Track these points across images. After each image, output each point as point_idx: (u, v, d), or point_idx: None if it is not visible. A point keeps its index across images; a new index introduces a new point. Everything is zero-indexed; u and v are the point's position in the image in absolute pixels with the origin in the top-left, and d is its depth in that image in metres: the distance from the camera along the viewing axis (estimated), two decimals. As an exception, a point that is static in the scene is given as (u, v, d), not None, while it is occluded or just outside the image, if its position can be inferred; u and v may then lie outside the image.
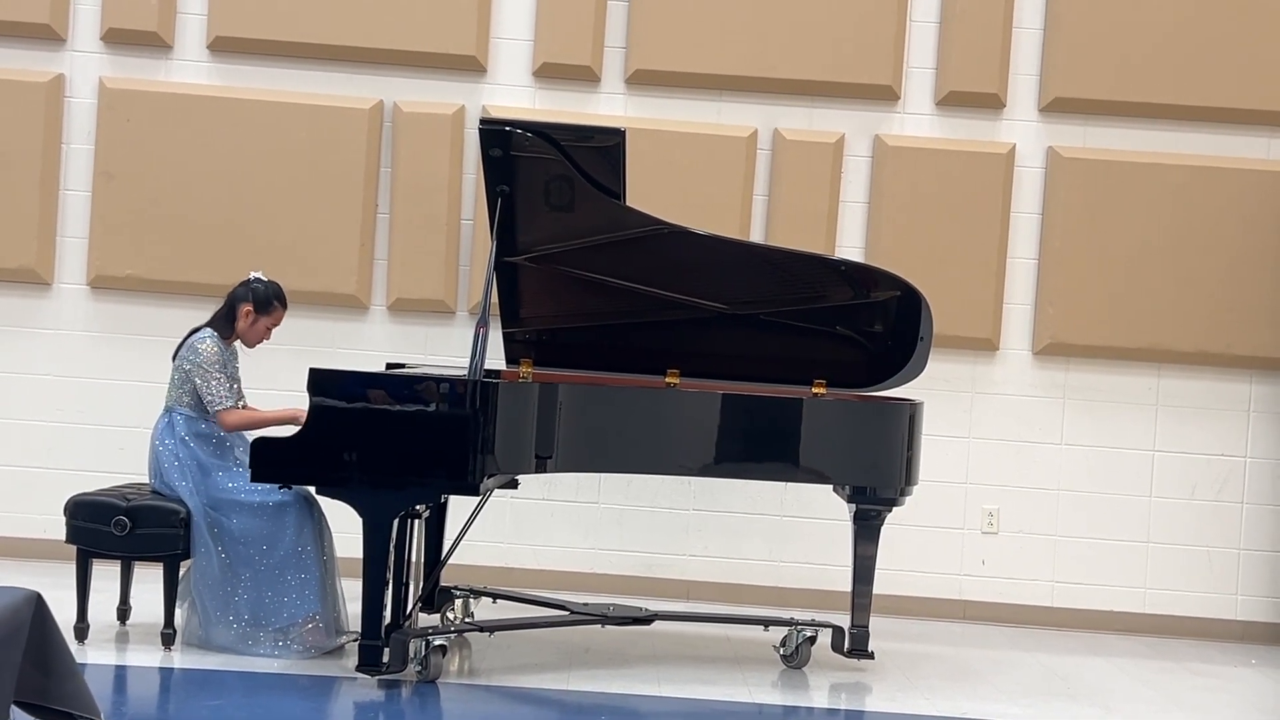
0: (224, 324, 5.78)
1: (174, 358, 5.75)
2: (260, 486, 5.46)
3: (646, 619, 5.99)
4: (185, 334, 5.78)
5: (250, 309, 5.76)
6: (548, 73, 7.10)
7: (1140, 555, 7.12)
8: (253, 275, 5.83)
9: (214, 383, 5.62)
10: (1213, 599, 7.13)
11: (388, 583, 5.32)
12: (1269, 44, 7.03)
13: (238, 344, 5.86)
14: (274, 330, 5.87)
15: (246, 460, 5.45)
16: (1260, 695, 6.26)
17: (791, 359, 6.03)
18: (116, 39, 7.07)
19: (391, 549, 5.31)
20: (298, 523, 5.53)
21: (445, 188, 7.04)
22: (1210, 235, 7.04)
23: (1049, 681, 6.06)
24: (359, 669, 5.25)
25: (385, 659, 5.26)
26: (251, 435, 5.50)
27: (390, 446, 5.21)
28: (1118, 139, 7.10)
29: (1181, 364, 7.10)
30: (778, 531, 7.13)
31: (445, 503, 6.08)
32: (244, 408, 5.78)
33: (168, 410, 5.71)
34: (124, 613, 5.84)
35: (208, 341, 5.68)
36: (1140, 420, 7.12)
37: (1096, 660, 6.50)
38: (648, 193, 6.42)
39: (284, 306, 5.86)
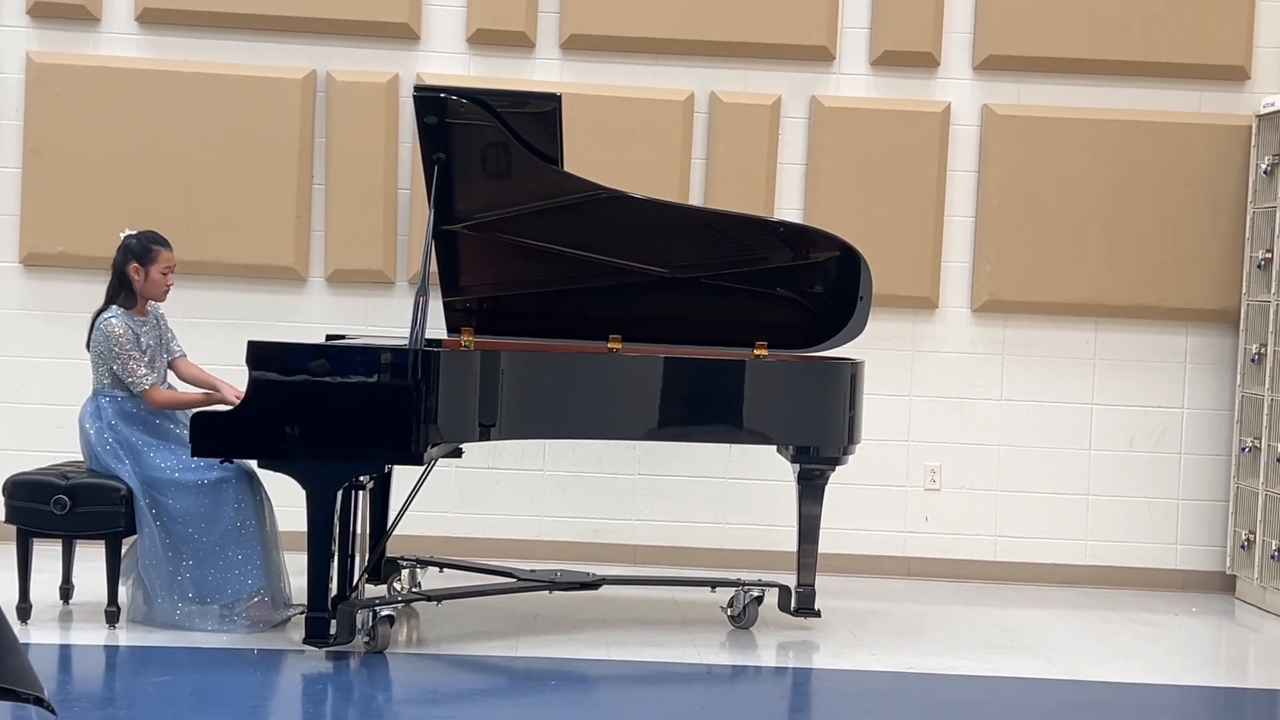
0: (124, 295, 5.63)
1: (87, 345, 5.62)
2: (196, 463, 5.41)
3: (594, 584, 6.00)
4: (92, 316, 5.64)
5: (136, 265, 5.60)
6: (482, 39, 7.05)
7: (1081, 507, 7.20)
8: (123, 235, 5.68)
9: (130, 363, 5.51)
10: (1153, 549, 7.22)
11: (333, 555, 5.30)
12: (1198, -2, 7.08)
13: (151, 305, 5.73)
14: (170, 274, 5.69)
15: (185, 436, 5.40)
16: (1201, 642, 6.36)
17: (733, 321, 6.05)
18: (43, 13, 6.96)
19: (336, 521, 5.30)
20: (236, 498, 5.48)
21: (381, 157, 6.99)
22: (1144, 189, 7.10)
23: (993, 634, 6.12)
24: (306, 642, 5.23)
25: (332, 631, 5.24)
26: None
27: (332, 418, 5.18)
28: (1051, 95, 7.14)
29: (1118, 318, 7.16)
30: (722, 494, 7.15)
31: (390, 473, 6.05)
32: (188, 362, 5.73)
33: (94, 394, 5.61)
34: (67, 592, 5.77)
35: (112, 321, 5.54)
36: (1079, 374, 7.19)
37: (1039, 612, 6.57)
38: (585, 158, 6.39)
39: (166, 246, 5.67)
